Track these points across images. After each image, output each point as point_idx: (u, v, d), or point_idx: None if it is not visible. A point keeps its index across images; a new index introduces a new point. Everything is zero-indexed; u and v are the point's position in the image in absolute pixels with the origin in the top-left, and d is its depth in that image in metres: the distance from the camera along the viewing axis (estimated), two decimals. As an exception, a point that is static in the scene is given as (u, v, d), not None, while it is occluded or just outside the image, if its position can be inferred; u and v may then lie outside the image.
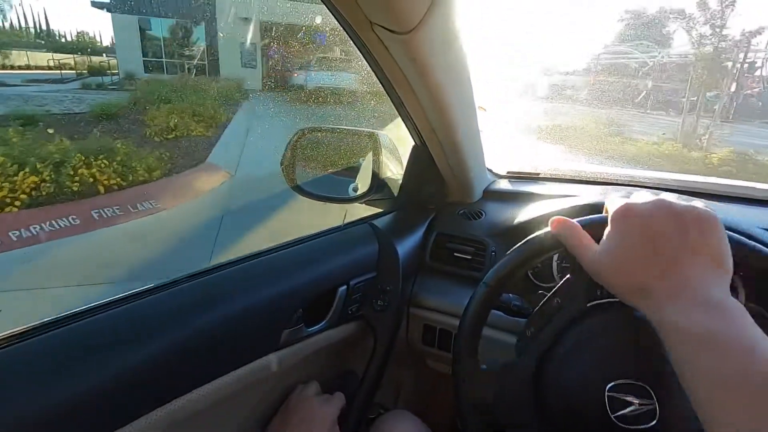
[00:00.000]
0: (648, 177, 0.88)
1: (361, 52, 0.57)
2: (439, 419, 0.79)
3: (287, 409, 0.69)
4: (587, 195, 0.80)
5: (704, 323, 0.32)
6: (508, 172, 1.01)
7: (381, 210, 0.93)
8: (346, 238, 0.79)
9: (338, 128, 0.92)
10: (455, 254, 0.85)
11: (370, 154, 0.90)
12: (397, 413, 0.81)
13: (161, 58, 15.33)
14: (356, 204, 0.93)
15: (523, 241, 0.51)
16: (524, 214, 0.83)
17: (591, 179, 0.94)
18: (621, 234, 0.39)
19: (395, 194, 0.92)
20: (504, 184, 0.96)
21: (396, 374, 1.01)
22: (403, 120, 0.75)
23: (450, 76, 0.60)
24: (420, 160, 0.86)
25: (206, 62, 16.42)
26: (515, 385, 0.50)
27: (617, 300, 0.42)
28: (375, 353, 0.79)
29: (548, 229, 0.48)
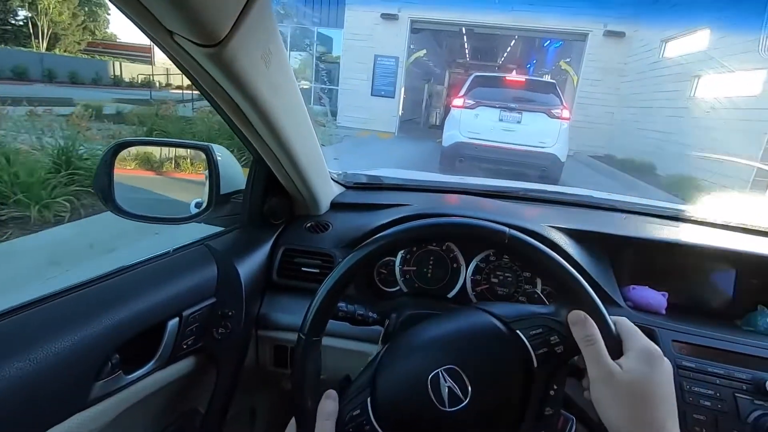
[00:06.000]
0: (473, 184, 1.04)
1: (170, 60, 0.53)
2: None
3: None
4: (419, 203, 0.91)
5: None
6: (354, 183, 1.07)
7: (222, 229, 0.89)
8: (176, 264, 0.74)
9: (163, 140, 0.84)
10: (303, 269, 0.86)
11: (206, 169, 0.85)
12: None
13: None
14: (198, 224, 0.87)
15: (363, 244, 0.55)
16: (366, 224, 0.88)
17: (423, 187, 1.06)
18: (647, 374, 0.42)
19: (238, 211, 0.89)
20: (350, 196, 1.01)
21: (249, 402, 0.97)
22: (235, 134, 0.73)
23: (274, 90, 0.60)
24: (262, 174, 0.85)
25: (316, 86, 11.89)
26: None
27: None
28: (217, 386, 0.75)
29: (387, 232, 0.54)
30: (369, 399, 0.51)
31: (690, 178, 7.30)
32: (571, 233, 0.83)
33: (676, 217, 0.96)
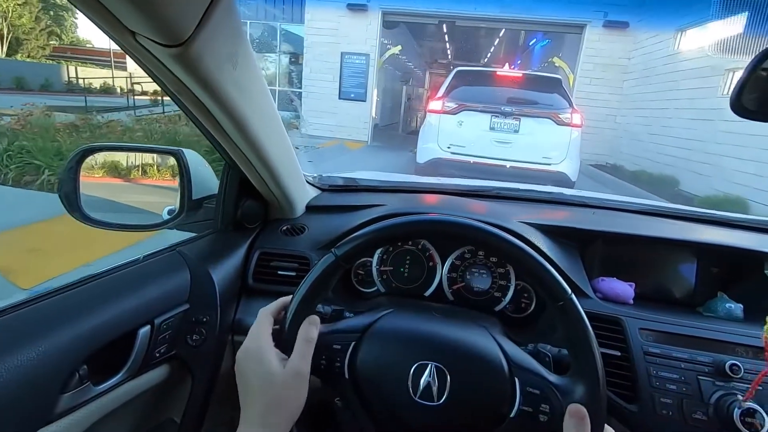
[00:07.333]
0: (447, 184, 1.21)
1: (133, 60, 0.58)
2: None
3: None
4: (392, 203, 1.03)
5: None
6: (330, 186, 1.18)
7: (195, 234, 0.98)
8: (147, 271, 0.80)
9: (131, 146, 0.98)
10: (279, 272, 0.95)
11: (178, 174, 0.94)
12: None
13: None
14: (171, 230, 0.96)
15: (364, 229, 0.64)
16: (342, 225, 0.98)
17: (398, 188, 1.18)
18: None
19: (211, 216, 0.98)
20: (325, 198, 1.11)
21: (227, 410, 1.06)
22: (206, 138, 0.80)
23: (242, 91, 0.65)
24: (235, 178, 0.94)
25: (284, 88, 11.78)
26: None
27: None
28: (193, 394, 0.82)
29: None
30: (353, 344, 0.60)
31: (739, 201, 6.22)
32: (542, 228, 0.94)
33: (642, 212, 1.09)
